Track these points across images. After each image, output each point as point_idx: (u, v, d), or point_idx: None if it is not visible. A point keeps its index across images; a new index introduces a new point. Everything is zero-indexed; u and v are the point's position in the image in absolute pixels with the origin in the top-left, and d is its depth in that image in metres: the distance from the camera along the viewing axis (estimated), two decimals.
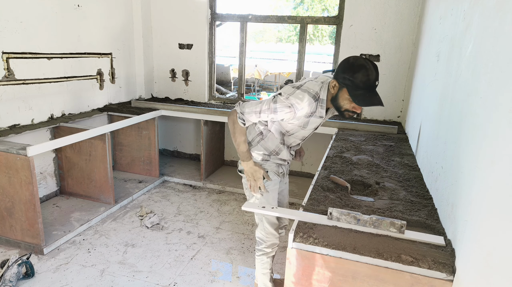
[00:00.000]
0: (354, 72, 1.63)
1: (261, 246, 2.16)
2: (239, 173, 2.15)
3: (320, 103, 1.77)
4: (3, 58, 2.92)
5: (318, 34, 15.60)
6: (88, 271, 2.59)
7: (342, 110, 1.76)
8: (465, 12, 1.67)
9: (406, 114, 3.61)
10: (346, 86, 1.66)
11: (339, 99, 1.73)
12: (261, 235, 2.14)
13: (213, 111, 3.98)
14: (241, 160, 1.99)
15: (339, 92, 1.71)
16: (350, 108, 1.73)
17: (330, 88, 1.76)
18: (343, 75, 1.66)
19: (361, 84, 1.63)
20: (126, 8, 4.27)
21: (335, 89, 1.72)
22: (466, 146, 1.32)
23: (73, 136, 2.98)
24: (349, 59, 1.70)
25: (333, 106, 1.80)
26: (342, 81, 1.67)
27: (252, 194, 2.04)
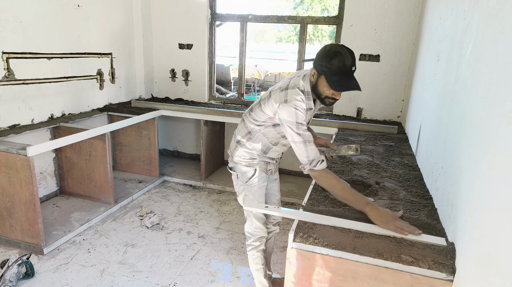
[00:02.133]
0: (330, 58, 1.66)
1: (250, 240, 2.21)
2: (229, 170, 2.16)
3: (307, 96, 1.79)
4: (3, 58, 2.92)
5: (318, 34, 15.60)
6: (88, 271, 2.59)
7: (323, 97, 1.78)
8: (465, 12, 1.67)
9: (406, 114, 3.61)
10: (324, 73, 1.70)
11: (318, 87, 1.76)
12: (249, 229, 2.18)
13: (213, 111, 3.98)
14: (364, 210, 1.55)
15: (318, 79, 1.74)
16: (329, 95, 1.75)
17: (310, 77, 1.79)
18: (320, 63, 1.70)
19: (337, 70, 1.66)
20: (126, 8, 4.27)
21: (315, 77, 1.76)
22: (466, 145, 1.32)
23: (73, 136, 2.98)
24: (326, 47, 1.72)
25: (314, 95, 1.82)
26: (320, 68, 1.71)
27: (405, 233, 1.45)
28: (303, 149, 1.73)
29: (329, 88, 1.71)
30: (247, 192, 2.09)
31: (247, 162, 2.05)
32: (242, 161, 2.05)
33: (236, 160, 2.07)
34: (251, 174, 2.06)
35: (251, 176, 2.06)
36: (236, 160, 2.07)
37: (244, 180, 2.08)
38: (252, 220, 2.14)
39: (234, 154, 2.08)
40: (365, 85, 3.97)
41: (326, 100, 1.79)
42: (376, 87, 3.93)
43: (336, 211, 1.65)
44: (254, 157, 2.04)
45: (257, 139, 1.99)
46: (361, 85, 1.75)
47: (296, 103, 1.74)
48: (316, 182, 1.81)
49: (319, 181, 1.76)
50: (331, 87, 1.69)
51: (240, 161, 2.06)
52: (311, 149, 1.73)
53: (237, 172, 2.09)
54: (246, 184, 2.08)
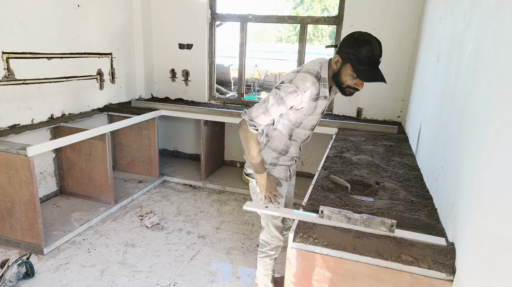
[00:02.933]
0: (359, 47, 1.60)
1: (265, 248, 2.16)
2: (247, 177, 2.10)
3: (323, 83, 1.75)
4: (3, 58, 2.92)
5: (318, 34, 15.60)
6: (88, 271, 2.59)
7: (344, 87, 1.73)
8: (465, 12, 1.67)
9: (406, 114, 3.61)
10: (350, 61, 1.63)
11: (341, 75, 1.69)
12: (266, 238, 2.13)
13: (213, 111, 3.98)
14: (255, 171, 1.91)
15: (342, 67, 1.68)
16: (352, 85, 1.70)
17: (332, 64, 1.73)
18: (347, 50, 1.63)
19: (365, 59, 1.60)
20: (126, 8, 4.27)
21: (338, 64, 1.69)
22: (466, 145, 1.32)
23: (73, 136, 2.98)
24: (354, 34, 1.65)
25: (334, 83, 1.77)
26: (346, 56, 1.64)
27: (272, 203, 1.93)
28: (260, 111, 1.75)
29: (352, 77, 1.66)
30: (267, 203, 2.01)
31: (271, 160, 1.98)
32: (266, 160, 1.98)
33: None
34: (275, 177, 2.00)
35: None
36: None
37: None
38: (271, 229, 2.07)
39: None
40: (365, 85, 3.95)
41: (347, 90, 1.74)
42: (376, 87, 3.93)
43: None
44: (274, 163, 1.98)
45: (276, 139, 1.93)
46: None
47: (300, 86, 1.70)
48: (240, 130, 1.85)
49: (242, 134, 1.83)
50: (358, 76, 1.63)
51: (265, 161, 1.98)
52: (263, 117, 1.76)
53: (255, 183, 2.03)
54: None
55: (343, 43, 1.67)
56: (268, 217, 2.05)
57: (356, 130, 3.46)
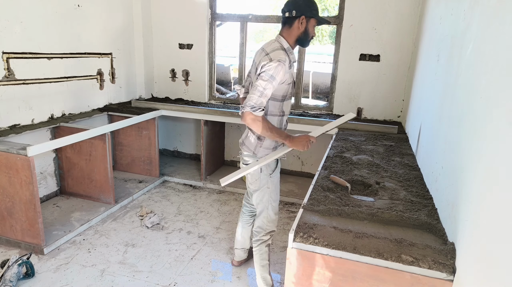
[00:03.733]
0: (312, 3, 2.04)
1: (259, 235, 2.27)
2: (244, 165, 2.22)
3: (288, 51, 2.07)
4: (3, 58, 2.92)
5: (318, 34, 15.59)
6: (88, 271, 2.59)
7: (309, 38, 2.09)
8: (465, 12, 1.67)
9: (406, 114, 3.61)
10: (314, 15, 2.04)
11: (309, 30, 2.06)
12: (262, 223, 2.26)
13: (213, 111, 3.98)
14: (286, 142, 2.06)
15: (308, 24, 2.05)
16: (314, 34, 2.09)
17: (295, 28, 2.05)
18: (309, 9, 2.02)
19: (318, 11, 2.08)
20: (126, 8, 4.27)
21: (303, 24, 2.04)
22: (466, 145, 1.32)
23: (73, 136, 2.98)
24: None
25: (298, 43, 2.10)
26: (309, 13, 2.02)
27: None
28: (255, 97, 1.92)
29: (313, 28, 2.07)
30: (269, 185, 2.18)
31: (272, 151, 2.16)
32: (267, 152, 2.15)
33: (260, 155, 2.15)
34: (274, 166, 2.19)
35: (274, 168, 2.19)
36: (260, 155, 2.15)
37: (269, 172, 2.16)
38: (269, 213, 2.23)
39: (257, 151, 2.15)
40: (365, 85, 3.97)
41: (311, 40, 2.11)
42: (376, 87, 3.93)
43: (336, 211, 1.65)
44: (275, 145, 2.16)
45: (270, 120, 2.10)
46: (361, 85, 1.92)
47: (280, 59, 1.95)
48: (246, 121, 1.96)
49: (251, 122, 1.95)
50: (323, 22, 2.09)
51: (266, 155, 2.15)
52: (261, 101, 1.93)
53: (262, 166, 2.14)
54: (270, 177, 2.17)
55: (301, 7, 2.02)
56: (269, 200, 2.21)
57: (356, 130, 3.46)
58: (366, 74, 3.93)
